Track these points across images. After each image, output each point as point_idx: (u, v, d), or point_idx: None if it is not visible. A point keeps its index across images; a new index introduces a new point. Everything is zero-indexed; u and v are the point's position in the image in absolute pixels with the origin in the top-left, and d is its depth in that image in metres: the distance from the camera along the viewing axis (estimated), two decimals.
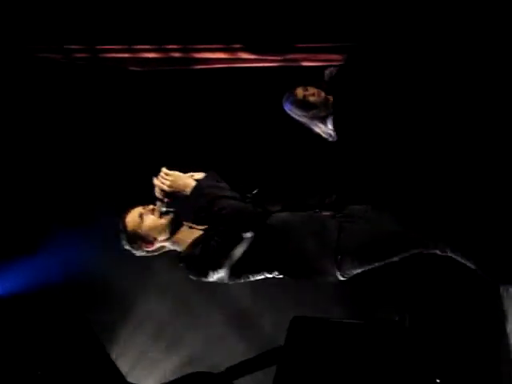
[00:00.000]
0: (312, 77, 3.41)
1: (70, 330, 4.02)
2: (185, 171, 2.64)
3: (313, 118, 2.93)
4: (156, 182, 2.50)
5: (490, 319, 3.05)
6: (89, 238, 3.90)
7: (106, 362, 3.97)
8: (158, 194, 2.51)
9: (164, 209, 2.51)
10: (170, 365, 4.24)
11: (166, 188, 2.48)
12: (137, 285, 4.18)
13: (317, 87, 2.96)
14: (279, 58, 3.83)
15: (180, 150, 3.81)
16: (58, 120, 4.03)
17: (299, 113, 2.96)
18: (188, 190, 2.46)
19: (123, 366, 4.19)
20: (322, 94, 2.93)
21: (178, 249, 2.57)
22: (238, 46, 3.80)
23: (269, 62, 3.84)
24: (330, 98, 2.89)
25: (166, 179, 2.50)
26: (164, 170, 2.53)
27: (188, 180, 2.49)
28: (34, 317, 3.96)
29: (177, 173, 2.52)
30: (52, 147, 4.05)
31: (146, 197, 3.40)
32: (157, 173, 2.51)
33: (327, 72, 3.00)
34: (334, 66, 3.05)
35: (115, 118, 3.99)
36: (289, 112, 3.00)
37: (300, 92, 2.95)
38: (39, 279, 3.97)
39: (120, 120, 3.99)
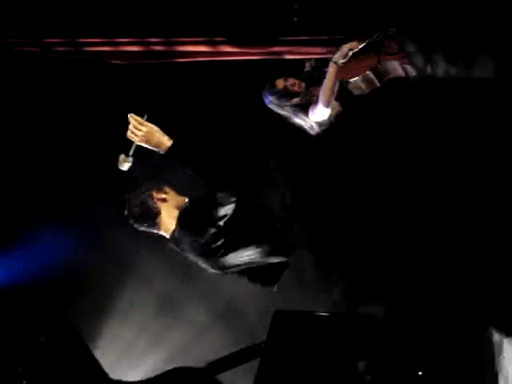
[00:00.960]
0: (294, 69, 3.41)
1: (49, 326, 3.99)
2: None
3: (295, 107, 2.91)
4: (128, 131, 2.42)
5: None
6: (71, 231, 3.87)
7: (87, 358, 3.95)
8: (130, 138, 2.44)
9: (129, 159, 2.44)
10: (155, 359, 4.23)
11: (136, 139, 2.41)
12: (121, 278, 4.17)
13: (297, 78, 2.94)
14: (262, 51, 3.80)
15: None
16: (38, 114, 3.99)
17: (280, 103, 2.94)
18: (162, 149, 2.40)
19: (108, 360, 4.17)
20: (303, 85, 2.92)
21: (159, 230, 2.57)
22: (220, 39, 3.77)
23: (251, 55, 3.81)
24: (311, 88, 2.88)
25: (140, 129, 2.42)
26: (135, 117, 2.44)
27: (162, 138, 2.41)
28: (12, 312, 3.92)
29: (151, 126, 2.44)
30: (31, 141, 4.01)
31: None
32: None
33: (308, 64, 2.99)
34: (314, 58, 3.03)
35: (96, 112, 3.96)
36: (269, 105, 2.98)
37: (280, 82, 2.94)
38: (17, 274, 3.93)
39: (101, 114, 3.96)
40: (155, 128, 2.46)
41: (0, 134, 4.01)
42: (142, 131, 2.43)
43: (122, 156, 2.48)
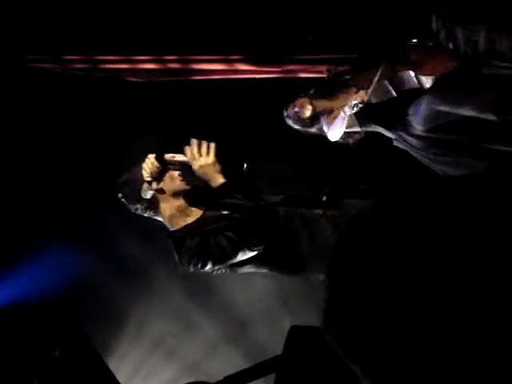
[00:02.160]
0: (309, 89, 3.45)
1: (63, 340, 4.01)
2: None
3: (317, 128, 2.92)
4: (189, 151, 2.53)
5: None
6: (85, 246, 3.90)
7: (103, 372, 3.97)
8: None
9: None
10: (168, 374, 4.25)
11: (196, 163, 2.51)
12: (133, 295, 4.18)
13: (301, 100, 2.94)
14: (277, 70, 3.86)
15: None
16: (54, 131, 4.03)
17: (301, 128, 2.94)
18: (211, 182, 2.52)
19: (121, 376, 4.19)
20: (309, 107, 2.90)
21: (161, 219, 2.63)
22: (236, 57, 3.83)
23: (266, 74, 3.87)
24: (317, 102, 2.86)
25: (203, 155, 2.52)
26: (206, 144, 2.54)
27: (218, 174, 2.51)
28: (29, 330, 3.95)
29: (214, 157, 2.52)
30: (48, 159, 4.04)
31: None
32: None
33: (330, 67, 2.96)
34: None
35: (113, 129, 4.00)
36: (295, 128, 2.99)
37: (291, 111, 2.93)
38: (33, 289, 3.96)
39: (118, 131, 4.00)
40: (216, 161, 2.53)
41: (20, 153, 4.04)
42: (206, 158, 2.50)
43: (146, 184, 2.55)
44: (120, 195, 2.74)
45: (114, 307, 4.20)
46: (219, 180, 2.52)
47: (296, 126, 2.92)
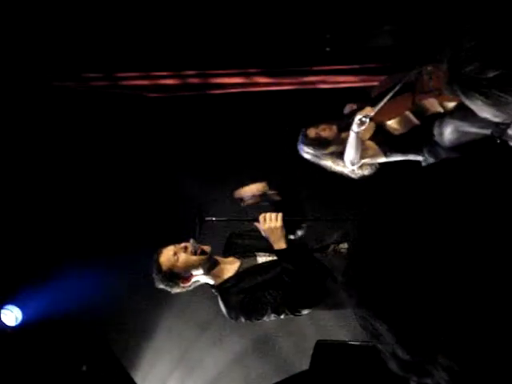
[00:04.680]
0: (328, 101, 3.43)
1: (91, 355, 4.05)
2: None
3: (331, 155, 2.90)
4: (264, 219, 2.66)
5: None
6: (110, 265, 3.92)
7: None
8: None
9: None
10: None
11: (265, 226, 2.66)
12: (158, 310, 4.19)
13: (328, 123, 2.94)
14: (295, 81, 3.86)
15: (199, 175, 3.85)
16: (77, 148, 4.07)
17: (317, 152, 2.92)
18: (274, 244, 2.66)
19: None
20: (334, 128, 2.90)
21: (212, 282, 2.65)
22: (254, 70, 3.84)
23: (285, 86, 3.87)
24: (343, 133, 2.86)
25: (274, 221, 2.66)
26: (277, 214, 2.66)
27: (282, 239, 2.65)
28: (57, 345, 3.99)
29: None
30: (71, 176, 4.09)
31: (168, 226, 3.44)
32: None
33: (348, 106, 2.96)
34: (353, 103, 3.00)
35: (134, 145, 4.02)
36: (307, 157, 2.97)
37: (311, 131, 2.93)
38: (62, 306, 4.00)
39: (139, 147, 4.02)
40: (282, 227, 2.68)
41: (45, 170, 4.09)
42: (275, 222, 2.64)
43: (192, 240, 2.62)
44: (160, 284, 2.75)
45: (140, 322, 4.22)
46: (281, 245, 2.65)
47: (308, 150, 2.91)
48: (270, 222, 2.64)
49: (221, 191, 3.39)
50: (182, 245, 2.61)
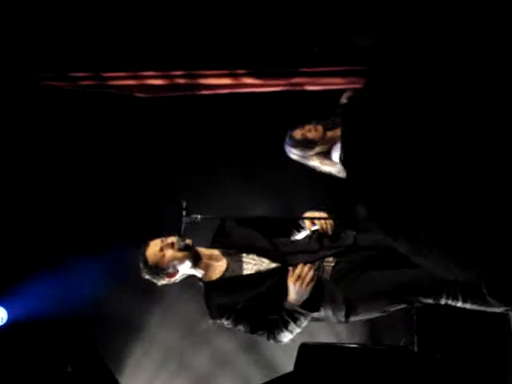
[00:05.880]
0: (316, 102, 3.44)
1: (75, 356, 4.03)
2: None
3: (318, 155, 2.93)
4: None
5: (498, 344, 3.05)
6: (95, 265, 3.91)
7: None
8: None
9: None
10: None
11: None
12: (144, 310, 4.18)
13: (314, 124, 2.96)
14: (283, 83, 3.85)
15: (186, 176, 3.85)
16: (65, 148, 4.06)
17: (304, 153, 2.95)
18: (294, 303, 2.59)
19: None
20: (320, 128, 2.93)
21: (199, 275, 2.64)
22: (242, 71, 3.83)
23: (273, 87, 3.87)
24: (329, 133, 2.89)
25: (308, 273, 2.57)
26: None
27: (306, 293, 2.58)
28: (41, 346, 3.98)
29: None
30: (57, 175, 4.07)
31: (154, 226, 3.44)
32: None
33: (346, 94, 2.98)
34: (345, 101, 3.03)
35: (122, 145, 4.02)
36: (294, 158, 2.99)
37: (297, 132, 2.96)
38: (45, 306, 3.98)
39: (127, 147, 4.02)
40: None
41: (35, 170, 4.06)
42: (310, 276, 2.57)
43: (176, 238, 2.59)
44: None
45: (126, 322, 4.21)
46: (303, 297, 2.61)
47: (295, 151, 2.93)
48: (308, 276, 2.54)
49: (208, 190, 3.40)
50: (169, 241, 2.60)
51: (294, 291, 2.54)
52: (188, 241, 2.59)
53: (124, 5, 3.76)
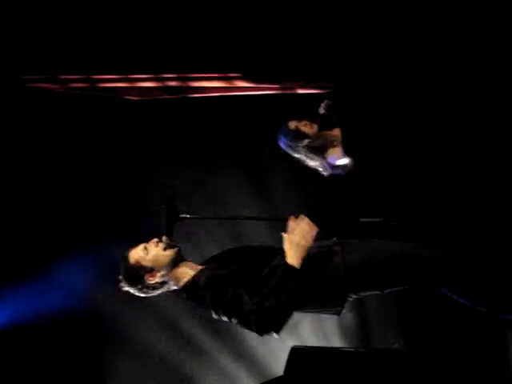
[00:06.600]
0: (308, 105, 3.44)
1: (66, 360, 4.00)
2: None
3: (307, 148, 2.94)
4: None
5: (490, 347, 3.04)
6: (86, 270, 3.89)
7: None
8: None
9: (168, 241, 2.52)
10: None
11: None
12: (136, 317, 4.14)
13: (311, 121, 2.98)
14: (275, 86, 3.86)
15: (178, 178, 3.84)
16: (55, 150, 4.04)
17: (294, 144, 2.96)
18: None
19: None
20: (315, 127, 2.94)
21: (175, 287, 2.57)
22: (234, 74, 3.84)
23: (265, 90, 3.87)
24: (324, 132, 2.91)
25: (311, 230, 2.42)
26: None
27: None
28: (29, 349, 3.94)
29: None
30: (48, 179, 4.05)
31: (145, 228, 3.41)
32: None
33: (323, 104, 3.01)
34: (328, 99, 3.06)
35: (113, 147, 4.00)
36: (285, 148, 3.01)
37: (293, 123, 2.97)
38: (33, 311, 3.95)
39: (118, 150, 4.00)
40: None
41: (24, 172, 4.04)
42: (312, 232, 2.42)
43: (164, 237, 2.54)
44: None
45: (115, 327, 4.17)
46: (295, 261, 2.37)
47: (284, 139, 2.94)
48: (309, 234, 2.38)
49: (198, 192, 3.39)
50: (154, 240, 2.55)
51: (292, 245, 2.35)
52: (173, 240, 2.55)
53: (116, 8, 3.76)
